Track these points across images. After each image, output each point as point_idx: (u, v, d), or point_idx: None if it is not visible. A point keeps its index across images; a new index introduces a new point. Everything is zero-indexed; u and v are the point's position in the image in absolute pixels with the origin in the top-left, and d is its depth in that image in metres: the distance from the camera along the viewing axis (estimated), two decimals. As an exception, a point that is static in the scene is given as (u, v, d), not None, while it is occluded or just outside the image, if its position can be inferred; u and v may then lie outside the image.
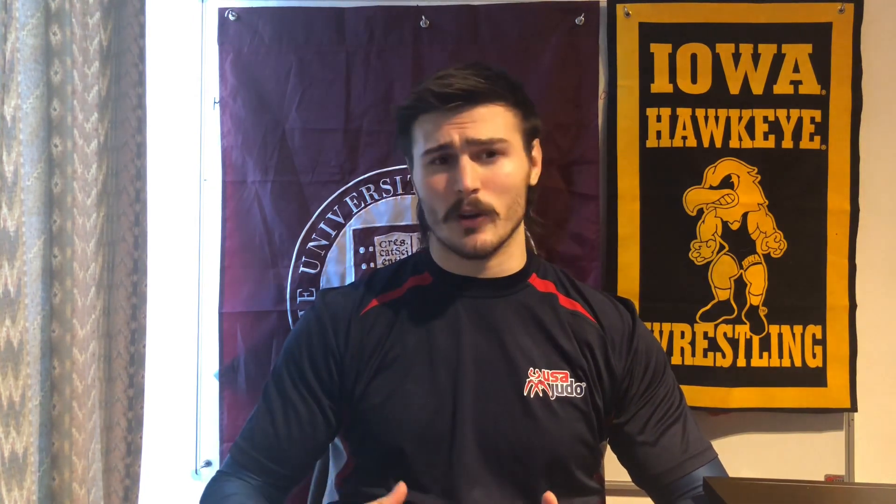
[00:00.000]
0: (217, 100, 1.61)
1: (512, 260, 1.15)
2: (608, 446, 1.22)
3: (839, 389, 1.57)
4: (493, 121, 1.07)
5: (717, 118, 1.58)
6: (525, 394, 1.08)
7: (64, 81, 1.12)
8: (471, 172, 1.04)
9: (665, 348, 1.55)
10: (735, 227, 1.58)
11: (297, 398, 1.12)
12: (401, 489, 1.00)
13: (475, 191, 1.05)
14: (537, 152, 1.17)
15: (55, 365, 1.12)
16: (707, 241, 1.58)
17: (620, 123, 1.59)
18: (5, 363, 1.01)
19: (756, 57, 1.58)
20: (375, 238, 1.59)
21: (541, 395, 1.09)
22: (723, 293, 1.58)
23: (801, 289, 1.58)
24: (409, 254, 1.57)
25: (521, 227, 1.16)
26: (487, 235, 1.07)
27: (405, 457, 1.07)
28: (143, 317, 1.35)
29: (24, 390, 1.02)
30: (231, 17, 1.60)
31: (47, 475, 1.12)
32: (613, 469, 1.23)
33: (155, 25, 1.46)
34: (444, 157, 1.07)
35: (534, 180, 1.15)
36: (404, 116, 1.12)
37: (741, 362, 1.57)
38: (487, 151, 1.07)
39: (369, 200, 1.60)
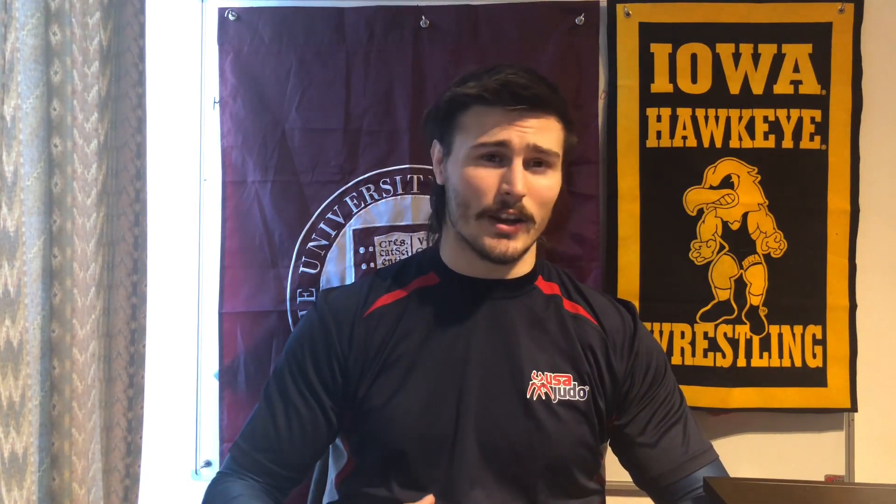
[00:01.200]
0: (217, 100, 1.61)
1: (523, 264, 1.14)
2: (608, 447, 1.22)
3: (839, 389, 1.57)
4: (550, 132, 1.06)
5: (717, 118, 1.58)
6: (528, 396, 1.08)
7: (64, 81, 1.12)
8: (522, 178, 1.04)
9: (665, 348, 1.55)
10: (735, 227, 1.58)
11: (299, 399, 1.12)
12: (429, 500, 1.02)
13: (522, 196, 1.04)
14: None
15: (55, 365, 1.12)
16: (707, 241, 1.58)
17: (620, 123, 1.59)
18: (5, 363, 1.01)
19: (756, 57, 1.58)
20: (375, 238, 1.59)
21: (543, 397, 1.09)
22: (723, 293, 1.58)
23: (801, 289, 1.58)
24: (410, 254, 1.57)
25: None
26: (518, 243, 1.06)
27: (406, 457, 1.07)
28: (143, 317, 1.35)
29: (24, 390, 1.02)
30: (231, 17, 1.60)
31: (47, 475, 1.12)
32: (614, 470, 1.23)
33: (155, 25, 1.46)
34: (493, 155, 1.05)
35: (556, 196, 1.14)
36: (457, 102, 1.08)
37: (741, 362, 1.57)
38: (537, 161, 1.06)
39: (369, 200, 1.60)
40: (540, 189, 1.06)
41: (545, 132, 1.05)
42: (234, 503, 1.07)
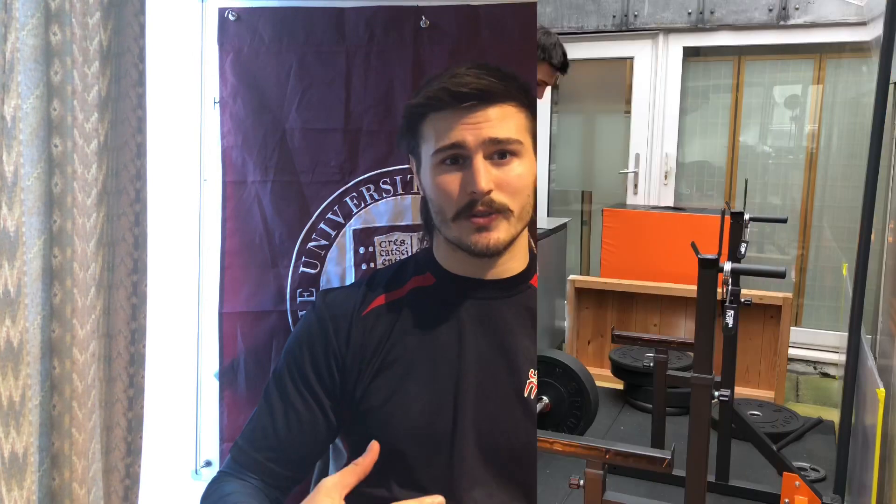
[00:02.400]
0: (217, 100, 1.61)
1: (515, 261, 1.14)
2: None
3: None
4: (507, 121, 1.06)
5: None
6: (525, 395, 1.08)
7: (64, 81, 1.12)
8: (485, 174, 1.04)
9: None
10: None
11: (299, 399, 1.12)
12: (373, 447, 1.01)
13: (489, 192, 1.04)
14: None
15: (55, 365, 1.12)
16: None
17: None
18: (5, 363, 1.01)
19: None
20: (375, 238, 1.59)
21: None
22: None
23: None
24: (409, 254, 1.57)
25: (525, 228, 1.16)
26: (500, 234, 1.06)
27: (405, 457, 1.07)
28: (143, 317, 1.36)
29: (24, 390, 1.02)
30: (231, 17, 1.60)
31: (47, 475, 1.12)
32: (613, 469, 1.23)
33: (155, 25, 1.46)
34: (455, 157, 1.06)
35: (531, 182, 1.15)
36: (414, 114, 1.10)
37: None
38: (500, 152, 1.06)
39: (369, 200, 1.60)
40: (508, 180, 1.06)
41: (502, 122, 1.05)
42: (227, 499, 1.07)
